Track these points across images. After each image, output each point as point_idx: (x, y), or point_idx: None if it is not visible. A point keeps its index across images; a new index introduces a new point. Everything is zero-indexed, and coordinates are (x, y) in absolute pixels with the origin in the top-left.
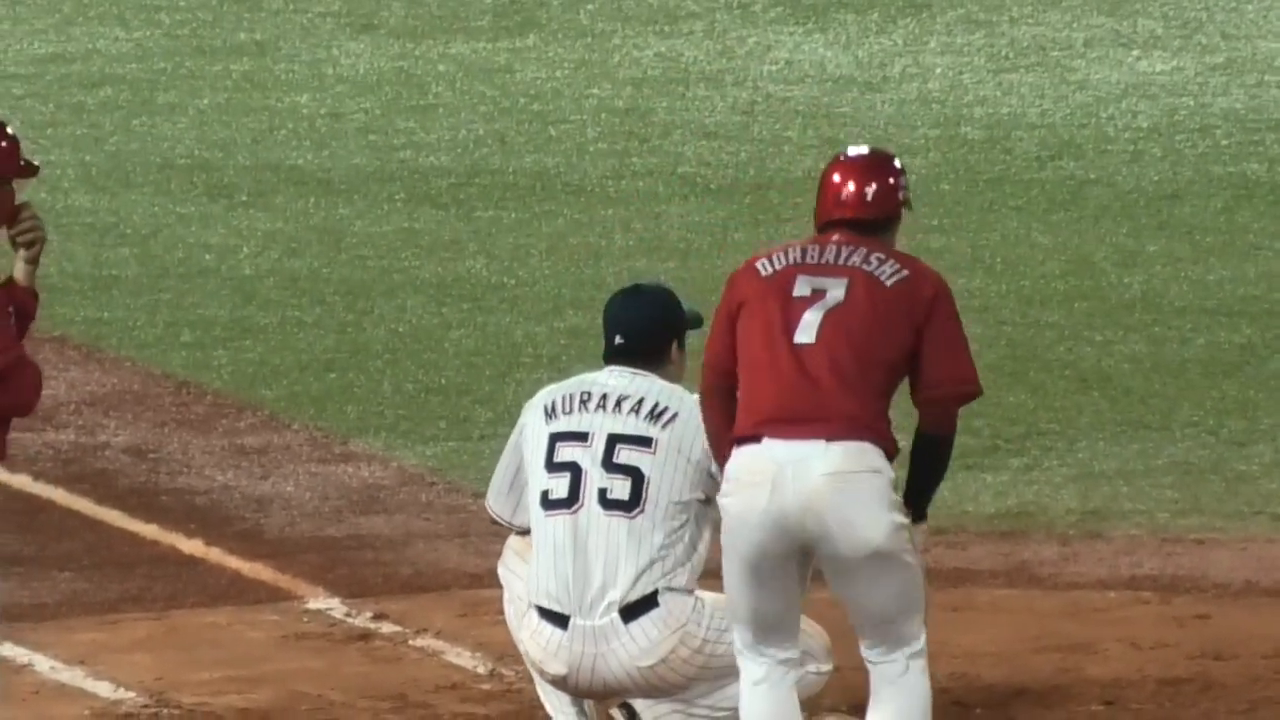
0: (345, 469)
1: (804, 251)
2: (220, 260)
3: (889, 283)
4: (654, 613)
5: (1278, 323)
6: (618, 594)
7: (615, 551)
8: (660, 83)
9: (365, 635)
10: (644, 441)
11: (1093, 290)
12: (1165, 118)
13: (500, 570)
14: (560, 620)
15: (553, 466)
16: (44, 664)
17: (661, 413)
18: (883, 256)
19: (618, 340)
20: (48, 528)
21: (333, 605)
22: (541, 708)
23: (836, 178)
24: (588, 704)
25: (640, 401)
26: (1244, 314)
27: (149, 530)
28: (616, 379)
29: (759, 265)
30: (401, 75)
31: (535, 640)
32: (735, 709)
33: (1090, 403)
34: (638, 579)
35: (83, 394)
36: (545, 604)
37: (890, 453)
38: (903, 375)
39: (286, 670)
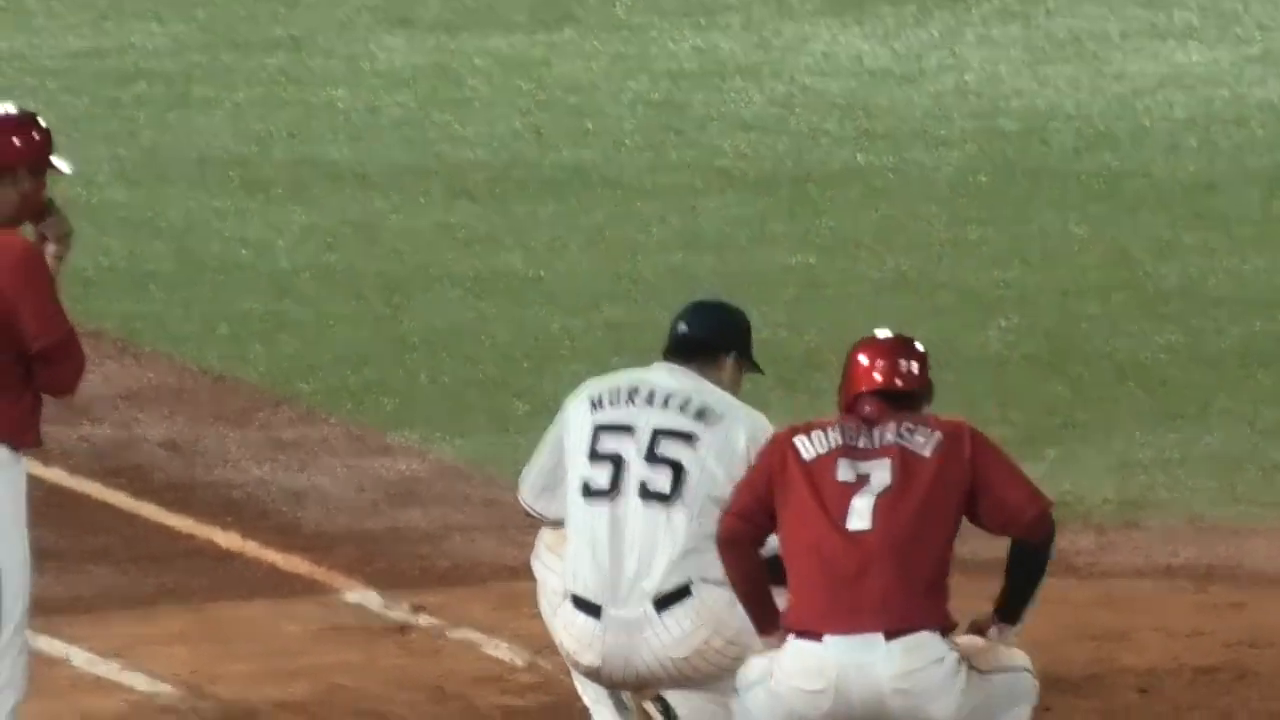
0: (382, 462)
1: (843, 432)
2: (257, 254)
3: (928, 454)
4: (687, 603)
5: None
6: (651, 584)
7: (651, 541)
8: (697, 75)
9: (403, 628)
10: (687, 437)
11: (1129, 281)
12: (1201, 109)
13: (534, 564)
14: (594, 610)
15: (595, 456)
16: (80, 657)
17: (708, 412)
18: (912, 426)
19: (680, 328)
20: (84, 522)
21: (370, 598)
22: (579, 699)
23: (864, 358)
24: (626, 696)
25: (688, 400)
26: (1279, 305)
27: (185, 524)
28: (666, 377)
29: (799, 444)
30: (438, 69)
31: (568, 631)
32: None
33: (1127, 393)
34: (672, 569)
35: (119, 388)
36: (579, 592)
37: (949, 630)
38: (954, 540)
39: (324, 663)
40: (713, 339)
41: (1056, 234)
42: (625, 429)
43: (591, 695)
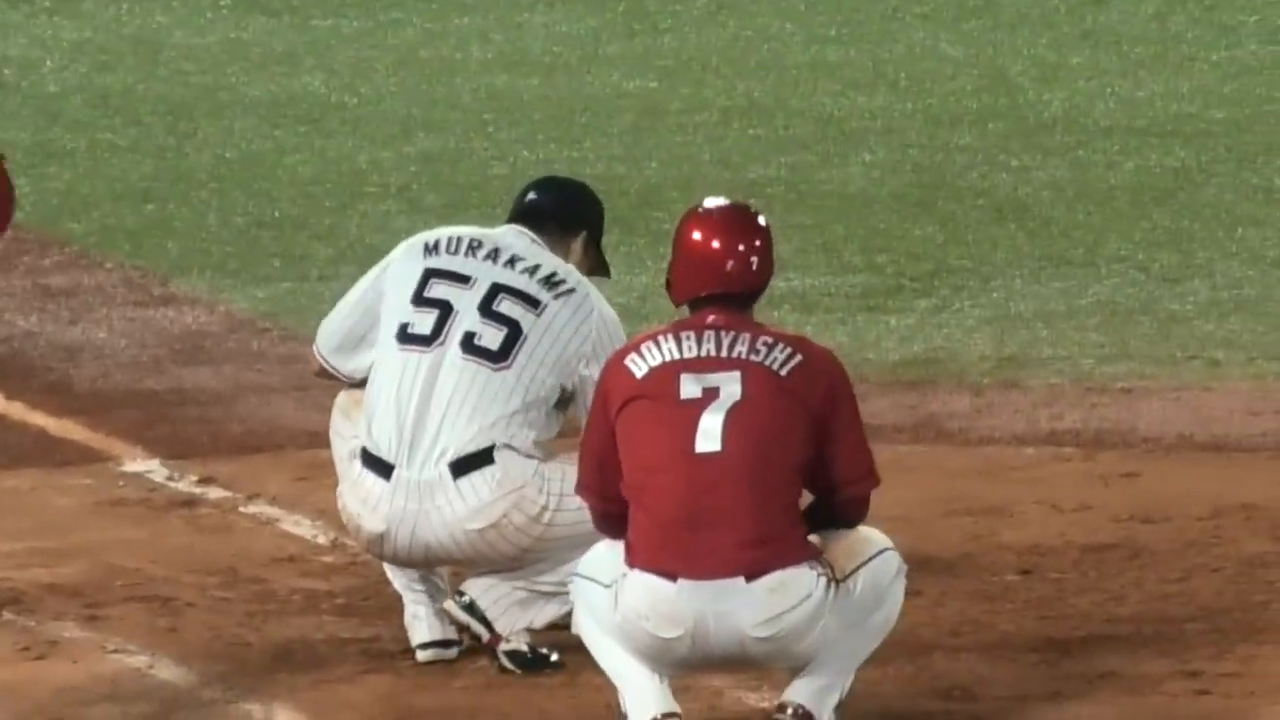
0: (166, 313)
1: (679, 342)
2: (20, 75)
3: (784, 372)
4: (487, 470)
5: (1214, 144)
6: (451, 445)
7: (461, 400)
8: None
9: (189, 501)
10: (531, 301)
11: (1009, 109)
12: None
13: (330, 434)
14: (385, 470)
15: (420, 301)
16: None
17: (558, 283)
18: (770, 340)
19: (530, 196)
20: None
21: (152, 467)
22: (391, 583)
23: (698, 236)
24: (441, 579)
25: (537, 267)
26: (1177, 134)
27: None
28: (515, 239)
29: (629, 364)
30: None
31: (355, 492)
32: None
33: (1006, 235)
34: (478, 433)
35: None
36: (371, 448)
37: (815, 555)
38: (809, 465)
39: (100, 541)
40: (566, 213)
41: (926, 55)
42: (461, 278)
43: (401, 581)
